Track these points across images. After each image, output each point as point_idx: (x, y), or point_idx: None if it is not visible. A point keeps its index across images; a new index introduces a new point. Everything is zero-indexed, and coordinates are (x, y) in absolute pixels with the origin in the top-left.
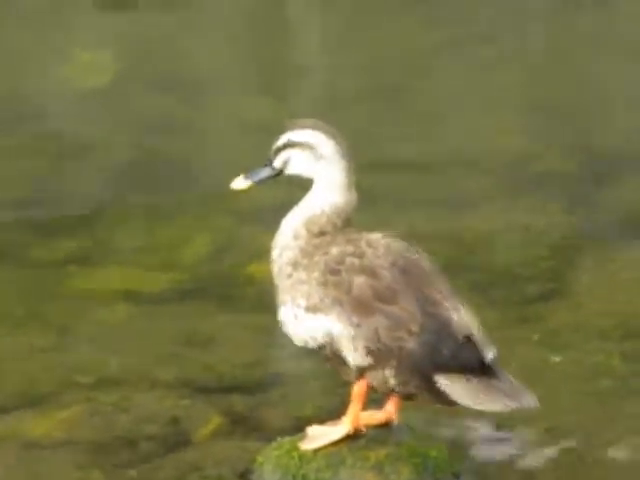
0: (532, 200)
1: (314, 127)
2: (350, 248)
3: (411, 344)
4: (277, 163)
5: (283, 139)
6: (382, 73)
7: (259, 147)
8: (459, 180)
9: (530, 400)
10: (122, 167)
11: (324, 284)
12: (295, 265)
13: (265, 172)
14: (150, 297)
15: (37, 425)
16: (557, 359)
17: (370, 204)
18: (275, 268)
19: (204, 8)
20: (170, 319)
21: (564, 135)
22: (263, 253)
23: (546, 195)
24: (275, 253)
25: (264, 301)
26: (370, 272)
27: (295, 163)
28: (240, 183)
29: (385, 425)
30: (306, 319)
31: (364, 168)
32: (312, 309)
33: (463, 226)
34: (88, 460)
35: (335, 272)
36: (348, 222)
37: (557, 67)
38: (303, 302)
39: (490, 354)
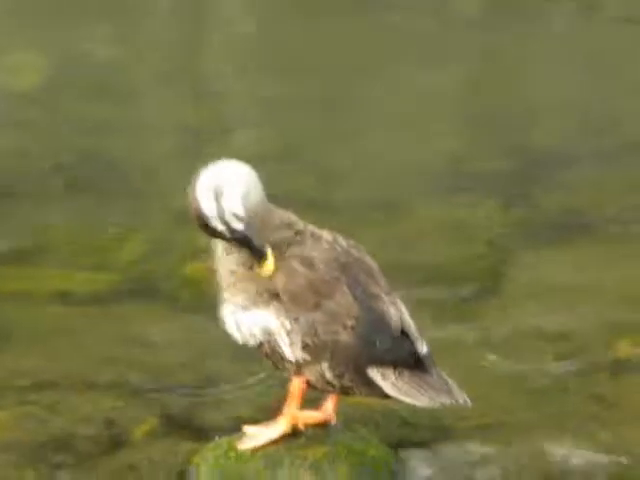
0: (467, 199)
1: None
2: (291, 239)
3: (346, 337)
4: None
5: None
6: (312, 77)
7: (190, 150)
8: (393, 181)
9: (461, 397)
10: (55, 168)
11: (261, 278)
12: (237, 263)
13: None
14: (85, 298)
15: None
16: (492, 358)
17: (307, 209)
18: (219, 267)
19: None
20: (105, 320)
21: (497, 137)
22: (199, 253)
23: (481, 194)
24: (220, 252)
25: (200, 301)
26: (308, 265)
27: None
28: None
29: (323, 424)
30: (245, 316)
31: (297, 174)
32: (250, 305)
33: (398, 225)
34: (23, 461)
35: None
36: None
37: (487, 72)
38: (242, 299)
39: (424, 348)
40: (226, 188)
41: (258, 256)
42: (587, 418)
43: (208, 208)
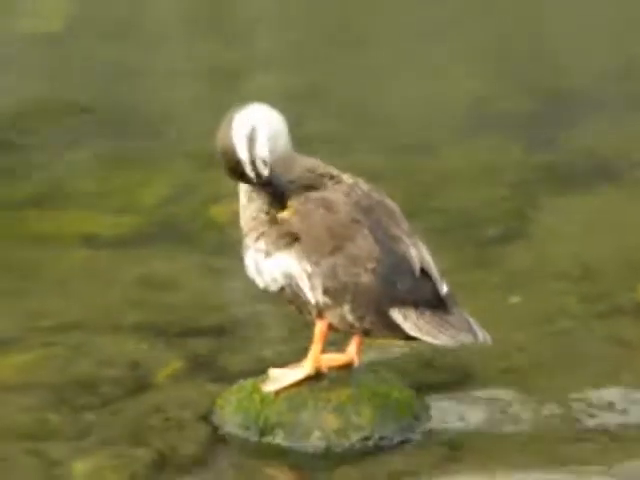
0: (491, 141)
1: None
2: (312, 183)
3: (366, 279)
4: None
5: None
6: (337, 19)
7: (217, 90)
8: (415, 123)
9: (483, 336)
10: (80, 111)
11: (282, 222)
12: (259, 209)
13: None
14: (109, 240)
15: None
16: (516, 300)
17: (328, 149)
18: (242, 213)
19: None
20: (130, 262)
21: (520, 78)
22: (223, 196)
23: (505, 136)
24: (244, 199)
25: (224, 244)
26: (327, 208)
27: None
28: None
29: (347, 367)
30: (266, 261)
31: (323, 115)
32: (271, 250)
33: (421, 168)
34: (47, 403)
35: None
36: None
37: (509, 13)
38: (263, 244)
39: (444, 288)
40: (258, 132)
41: (278, 204)
42: (610, 360)
43: (242, 152)
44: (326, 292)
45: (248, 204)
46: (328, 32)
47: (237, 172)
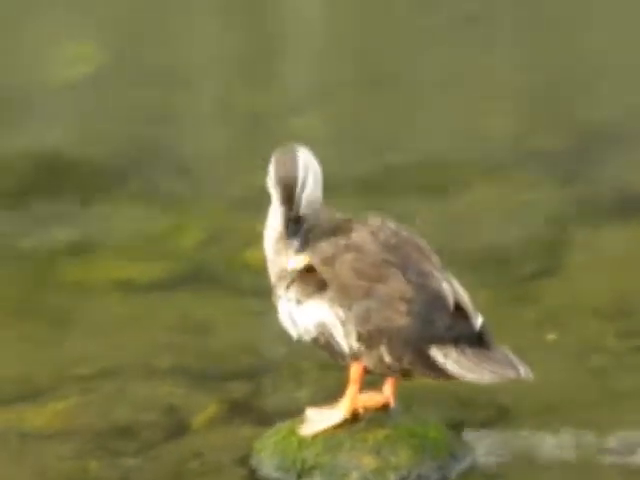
0: (524, 178)
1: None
2: (337, 228)
3: (401, 321)
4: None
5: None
6: (370, 59)
7: (249, 134)
8: (448, 162)
9: (525, 371)
10: (113, 157)
11: (287, 270)
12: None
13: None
14: (144, 285)
15: (35, 417)
16: (552, 337)
17: (361, 190)
18: (270, 262)
19: None
20: (165, 307)
21: (552, 114)
22: (257, 238)
23: (538, 173)
24: (270, 254)
25: (260, 286)
26: (355, 251)
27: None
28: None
29: (383, 408)
30: (299, 310)
31: (353, 154)
32: (302, 298)
33: (454, 206)
34: (86, 450)
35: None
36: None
37: (541, 49)
38: (294, 292)
39: (479, 321)
40: (310, 170)
41: (294, 248)
42: None
43: (300, 174)
44: (360, 338)
45: (275, 258)
46: (359, 72)
47: (290, 190)
